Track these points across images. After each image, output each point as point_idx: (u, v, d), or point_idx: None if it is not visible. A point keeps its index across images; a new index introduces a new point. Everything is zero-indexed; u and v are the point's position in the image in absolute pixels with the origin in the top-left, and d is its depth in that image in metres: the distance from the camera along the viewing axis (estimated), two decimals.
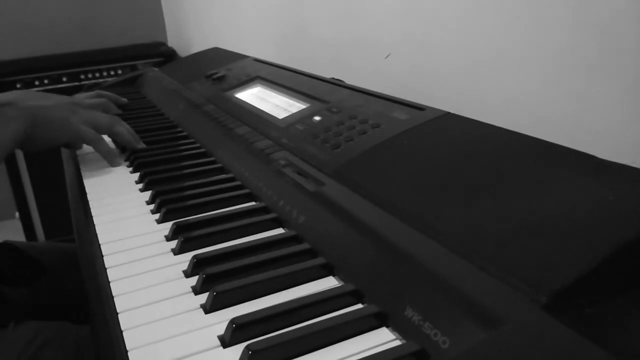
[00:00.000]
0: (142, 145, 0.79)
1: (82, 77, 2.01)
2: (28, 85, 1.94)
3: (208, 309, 0.41)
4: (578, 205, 0.39)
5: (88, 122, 0.74)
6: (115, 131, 0.77)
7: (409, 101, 0.63)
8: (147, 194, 0.64)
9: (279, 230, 0.53)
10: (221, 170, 0.69)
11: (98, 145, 0.74)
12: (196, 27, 1.99)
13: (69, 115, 0.72)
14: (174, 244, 0.51)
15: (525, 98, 0.68)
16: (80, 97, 1.05)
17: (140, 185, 0.67)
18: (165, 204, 0.58)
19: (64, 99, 1.01)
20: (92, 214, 0.60)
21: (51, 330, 0.70)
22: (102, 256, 0.50)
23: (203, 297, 0.42)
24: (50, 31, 2.12)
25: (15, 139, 0.66)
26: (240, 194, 0.61)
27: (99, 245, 0.52)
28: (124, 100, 1.07)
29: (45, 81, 1.96)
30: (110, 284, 0.46)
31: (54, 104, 0.75)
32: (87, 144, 0.75)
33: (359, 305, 0.40)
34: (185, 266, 0.47)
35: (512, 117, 0.69)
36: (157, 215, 0.58)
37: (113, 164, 0.75)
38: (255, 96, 0.86)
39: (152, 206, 0.60)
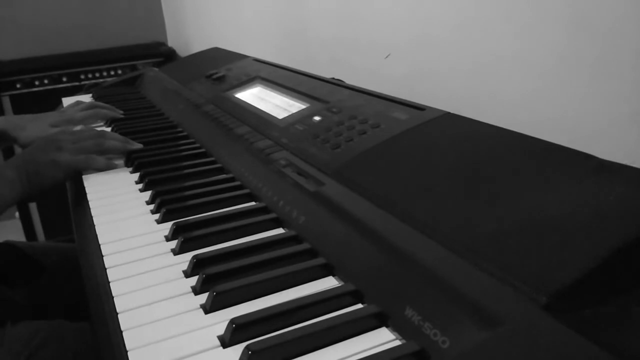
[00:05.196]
0: (137, 146, 0.78)
1: (82, 77, 2.01)
2: (28, 85, 1.94)
3: (208, 309, 0.41)
4: (578, 205, 0.39)
5: (77, 152, 0.73)
6: (105, 149, 0.76)
7: (409, 101, 0.63)
8: (147, 194, 0.64)
9: (279, 230, 0.53)
10: (221, 170, 0.69)
11: (94, 165, 0.73)
12: (196, 27, 1.99)
13: (55, 156, 0.72)
14: (173, 244, 0.51)
15: (525, 98, 0.68)
16: (71, 111, 1.00)
17: (140, 185, 0.67)
18: (165, 204, 0.58)
19: (50, 116, 0.98)
20: (92, 214, 0.60)
21: (49, 330, 0.70)
22: (102, 256, 0.50)
23: (203, 297, 0.42)
24: (50, 31, 2.12)
25: (14, 197, 0.71)
26: (240, 194, 0.61)
27: (99, 245, 0.52)
28: (120, 113, 1.00)
29: (45, 81, 1.96)
30: (110, 284, 0.46)
31: (38, 152, 0.74)
32: (83, 170, 0.74)
33: (359, 305, 0.40)
34: (185, 266, 0.47)
35: (512, 117, 0.69)
36: (157, 216, 0.58)
37: (113, 167, 0.75)
38: (255, 96, 0.86)
39: (152, 206, 0.60)
